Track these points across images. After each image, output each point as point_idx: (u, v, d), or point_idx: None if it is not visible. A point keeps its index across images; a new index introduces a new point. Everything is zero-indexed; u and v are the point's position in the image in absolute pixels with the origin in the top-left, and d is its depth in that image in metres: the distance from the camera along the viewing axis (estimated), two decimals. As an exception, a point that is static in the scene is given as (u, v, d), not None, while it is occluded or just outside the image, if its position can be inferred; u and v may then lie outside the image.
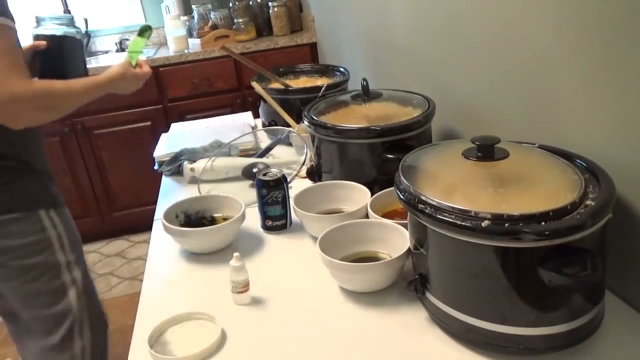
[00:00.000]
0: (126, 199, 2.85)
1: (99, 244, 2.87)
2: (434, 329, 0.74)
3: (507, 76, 0.95)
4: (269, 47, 2.76)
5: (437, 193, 0.68)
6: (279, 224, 1.06)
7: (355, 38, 1.94)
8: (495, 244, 0.62)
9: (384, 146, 1.03)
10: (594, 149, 0.75)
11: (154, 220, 1.17)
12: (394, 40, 1.49)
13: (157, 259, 1.03)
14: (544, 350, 0.66)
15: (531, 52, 0.87)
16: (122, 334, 2.20)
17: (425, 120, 1.06)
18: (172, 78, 2.70)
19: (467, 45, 1.08)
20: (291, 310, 0.83)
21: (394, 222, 0.89)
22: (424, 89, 1.22)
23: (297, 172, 1.26)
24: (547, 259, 0.60)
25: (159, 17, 3.10)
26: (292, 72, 1.71)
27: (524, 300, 0.63)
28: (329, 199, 1.08)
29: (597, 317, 0.67)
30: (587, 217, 0.60)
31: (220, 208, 1.10)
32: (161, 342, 0.79)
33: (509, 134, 0.93)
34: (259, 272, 0.92)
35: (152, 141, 1.72)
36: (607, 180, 0.67)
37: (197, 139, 1.54)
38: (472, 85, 1.09)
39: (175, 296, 0.91)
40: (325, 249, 0.84)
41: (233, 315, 0.83)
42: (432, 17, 1.22)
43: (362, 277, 0.83)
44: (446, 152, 0.83)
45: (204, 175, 1.32)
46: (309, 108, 1.18)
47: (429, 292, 0.73)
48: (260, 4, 2.94)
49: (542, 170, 0.73)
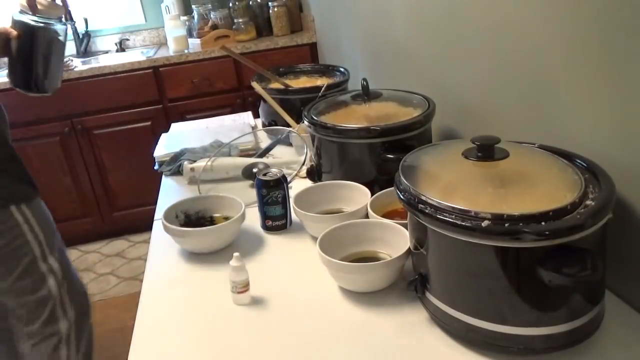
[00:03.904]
0: (126, 199, 2.85)
1: (99, 244, 2.87)
2: (434, 329, 0.74)
3: (508, 76, 0.95)
4: (269, 47, 2.76)
5: (437, 193, 0.68)
6: (279, 224, 1.06)
7: (355, 38, 1.94)
8: (495, 244, 0.62)
9: (384, 146, 1.03)
10: (594, 149, 0.75)
11: (154, 220, 1.17)
12: (394, 40, 1.49)
13: (157, 259, 1.03)
14: (543, 350, 0.66)
15: (531, 52, 0.87)
16: (122, 334, 2.20)
17: (425, 120, 1.06)
18: (172, 78, 2.70)
19: (467, 45, 1.08)
20: (291, 310, 0.83)
21: (394, 222, 0.89)
22: (424, 89, 1.22)
23: (297, 172, 1.26)
24: (547, 259, 0.60)
25: (159, 17, 3.10)
26: (292, 72, 1.71)
27: (524, 300, 0.63)
28: (329, 199, 1.08)
29: (597, 317, 0.67)
30: (587, 217, 0.60)
31: (220, 208, 1.10)
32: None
33: (509, 134, 0.93)
34: (259, 272, 0.92)
35: (152, 141, 1.72)
36: (607, 180, 0.67)
37: (197, 139, 1.54)
38: (472, 85, 1.09)
39: (175, 296, 0.91)
40: (325, 249, 0.84)
41: (233, 315, 0.83)
42: (433, 17, 1.22)
43: (362, 277, 0.83)
44: (446, 152, 0.83)
45: (204, 175, 1.32)
46: (309, 108, 1.18)
47: (429, 292, 0.73)
48: (260, 4, 2.94)
49: (542, 170, 0.73)
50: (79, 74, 2.60)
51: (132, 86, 2.66)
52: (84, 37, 3.10)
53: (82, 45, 3.09)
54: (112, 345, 2.17)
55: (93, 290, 2.55)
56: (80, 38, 3.09)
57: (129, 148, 2.74)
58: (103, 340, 2.19)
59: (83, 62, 2.89)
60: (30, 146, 2.68)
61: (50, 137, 2.65)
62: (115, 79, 2.64)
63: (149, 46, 3.21)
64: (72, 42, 3.02)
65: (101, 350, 2.14)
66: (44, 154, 2.71)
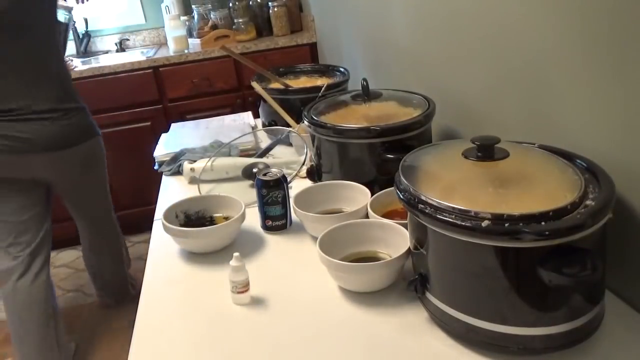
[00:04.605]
0: (126, 199, 2.84)
1: (99, 244, 2.87)
2: (434, 329, 0.74)
3: (508, 76, 0.95)
4: (269, 47, 2.76)
5: (437, 193, 0.68)
6: (279, 224, 1.06)
7: (355, 38, 1.94)
8: (495, 244, 0.62)
9: (384, 146, 1.03)
10: (594, 149, 0.75)
11: (154, 220, 1.17)
12: (394, 40, 1.49)
13: (157, 259, 1.03)
14: (543, 350, 0.66)
15: (531, 52, 0.87)
16: (122, 334, 2.20)
17: (425, 120, 1.06)
18: (172, 78, 2.70)
19: (467, 45, 1.08)
20: (291, 310, 0.83)
21: (394, 222, 0.89)
22: (424, 89, 1.22)
23: (297, 172, 1.26)
24: (547, 259, 0.60)
25: (159, 17, 3.10)
26: (292, 72, 1.71)
27: (523, 300, 0.63)
28: (329, 199, 1.08)
29: (597, 317, 0.67)
30: (587, 217, 0.60)
31: (220, 208, 1.10)
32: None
33: (509, 134, 0.93)
34: (259, 272, 0.92)
35: (152, 141, 1.72)
36: (607, 180, 0.67)
37: (197, 139, 1.54)
38: (473, 85, 1.09)
39: (175, 296, 0.91)
40: (325, 249, 0.84)
41: (233, 315, 0.83)
42: (433, 17, 1.22)
43: (362, 277, 0.83)
44: (446, 152, 0.83)
45: (204, 175, 1.32)
46: (309, 108, 1.18)
47: (429, 292, 0.73)
48: (260, 4, 2.94)
49: (542, 170, 0.73)
50: (79, 74, 2.60)
51: (132, 86, 2.66)
52: (84, 37, 3.10)
53: (82, 45, 3.09)
54: (112, 345, 2.17)
55: (93, 290, 2.54)
56: (80, 38, 3.09)
57: (129, 148, 2.73)
58: (103, 340, 2.19)
59: (83, 62, 2.88)
60: (30, 146, 2.68)
61: (50, 137, 2.65)
62: (115, 79, 2.64)
63: (149, 46, 3.21)
64: (72, 42, 3.02)
65: (101, 350, 2.14)
66: (44, 154, 2.71)
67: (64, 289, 2.60)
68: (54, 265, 2.80)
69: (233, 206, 1.08)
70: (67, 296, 2.54)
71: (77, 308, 2.44)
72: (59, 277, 2.69)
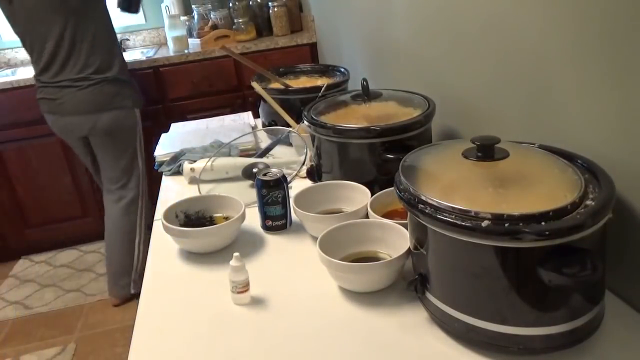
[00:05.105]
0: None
1: (99, 243, 2.87)
2: (434, 329, 0.74)
3: (508, 76, 0.95)
4: (269, 47, 2.76)
5: (437, 193, 0.68)
6: (279, 224, 1.06)
7: (355, 38, 1.94)
8: (495, 244, 0.62)
9: (384, 146, 1.03)
10: (594, 149, 0.75)
11: (154, 220, 1.17)
12: (394, 40, 1.49)
13: (157, 259, 1.03)
14: (543, 350, 0.66)
15: (532, 52, 0.87)
16: (122, 334, 2.21)
17: (425, 120, 1.06)
18: (172, 78, 2.70)
19: (467, 45, 1.08)
20: (291, 310, 0.83)
21: (394, 222, 0.89)
22: (424, 89, 1.22)
23: (297, 172, 1.26)
24: (547, 259, 0.60)
25: (159, 17, 3.10)
26: (292, 72, 1.71)
27: (523, 300, 0.63)
28: (329, 199, 1.08)
29: (597, 317, 0.67)
30: (587, 217, 0.60)
31: (220, 208, 1.10)
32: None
33: (509, 134, 0.93)
34: (259, 272, 0.92)
35: (152, 141, 1.72)
36: (607, 180, 0.67)
37: (197, 139, 1.54)
38: (473, 85, 1.09)
39: (175, 296, 0.91)
40: (325, 249, 0.84)
41: (233, 315, 0.83)
42: (433, 17, 1.22)
43: (362, 277, 0.83)
44: (446, 152, 0.83)
45: (204, 175, 1.32)
46: (309, 108, 1.18)
47: (429, 292, 0.73)
48: (260, 4, 2.94)
49: (542, 170, 0.73)
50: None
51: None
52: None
53: (82, 45, 3.08)
54: (112, 345, 2.17)
55: (93, 290, 2.55)
56: (80, 38, 3.08)
57: (129, 148, 2.73)
58: (103, 340, 2.20)
59: (83, 62, 2.88)
60: (31, 146, 2.68)
61: (50, 136, 2.64)
62: (116, 79, 2.64)
63: (149, 46, 3.21)
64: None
65: (101, 350, 2.14)
66: (44, 153, 2.71)
67: (64, 289, 2.60)
68: (54, 265, 2.80)
69: (233, 206, 1.08)
70: (67, 296, 2.54)
71: (77, 308, 2.44)
72: (59, 277, 2.70)
